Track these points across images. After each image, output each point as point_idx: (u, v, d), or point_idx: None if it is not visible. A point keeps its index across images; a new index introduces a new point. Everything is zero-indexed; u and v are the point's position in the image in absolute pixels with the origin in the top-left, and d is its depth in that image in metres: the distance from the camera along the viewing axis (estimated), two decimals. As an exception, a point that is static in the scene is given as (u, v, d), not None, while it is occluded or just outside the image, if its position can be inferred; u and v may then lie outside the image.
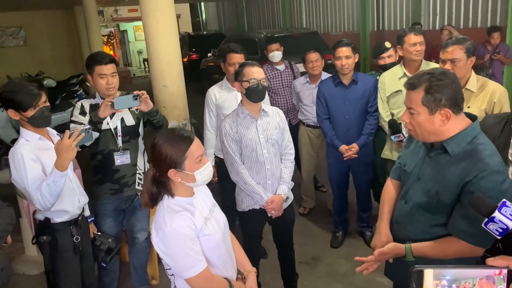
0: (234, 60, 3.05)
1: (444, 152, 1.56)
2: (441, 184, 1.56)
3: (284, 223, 2.69)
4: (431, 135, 1.56)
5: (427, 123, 1.53)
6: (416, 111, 1.54)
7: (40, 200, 1.98)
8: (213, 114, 3.20)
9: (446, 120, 1.51)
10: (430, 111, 1.51)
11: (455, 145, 1.53)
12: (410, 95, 1.55)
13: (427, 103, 1.50)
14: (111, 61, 2.49)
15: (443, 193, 1.55)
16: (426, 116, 1.52)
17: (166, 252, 1.53)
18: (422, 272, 1.12)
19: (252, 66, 2.44)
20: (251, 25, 14.96)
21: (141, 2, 3.90)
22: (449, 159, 1.55)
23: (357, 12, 9.30)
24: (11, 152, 2.05)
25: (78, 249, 2.25)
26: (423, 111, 1.52)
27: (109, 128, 2.54)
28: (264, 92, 2.45)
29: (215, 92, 3.18)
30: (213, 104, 3.17)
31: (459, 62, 2.31)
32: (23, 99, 2.01)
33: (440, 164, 1.58)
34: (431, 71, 1.55)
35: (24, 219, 3.49)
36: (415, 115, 1.54)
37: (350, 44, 3.14)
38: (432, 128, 1.53)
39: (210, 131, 3.24)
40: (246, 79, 2.40)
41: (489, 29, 5.90)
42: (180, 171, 1.54)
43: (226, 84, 3.18)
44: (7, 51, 12.45)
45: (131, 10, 17.57)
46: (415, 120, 1.55)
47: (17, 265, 3.50)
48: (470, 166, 1.48)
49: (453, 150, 1.53)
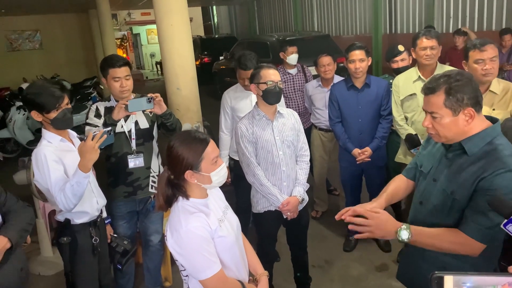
0: (243, 76, 3.04)
1: (462, 152, 1.55)
2: (457, 184, 1.55)
3: (299, 225, 2.68)
4: (456, 136, 1.54)
5: (451, 125, 1.51)
6: (439, 114, 1.52)
7: (63, 201, 2.01)
8: (228, 117, 3.23)
9: (470, 120, 1.50)
10: (453, 112, 1.50)
11: (473, 145, 1.52)
12: (431, 99, 1.53)
13: (449, 105, 1.49)
14: (125, 64, 2.51)
15: (458, 192, 1.54)
16: (450, 118, 1.50)
17: (181, 253, 1.54)
18: (442, 279, 1.11)
19: (268, 68, 2.45)
20: (263, 29, 14.99)
21: (155, 5, 3.94)
22: (467, 159, 1.53)
23: (369, 15, 9.25)
24: (34, 154, 2.09)
25: (96, 250, 2.28)
26: (446, 114, 1.50)
27: (123, 131, 2.56)
28: (280, 94, 2.45)
29: (230, 95, 3.22)
30: (228, 106, 3.20)
31: (497, 60, 2.30)
32: (46, 101, 2.04)
33: (457, 164, 1.57)
34: (447, 73, 1.53)
35: (40, 220, 3.54)
36: (438, 118, 1.52)
37: (363, 47, 3.12)
38: (456, 129, 1.52)
39: (225, 133, 3.27)
40: (263, 81, 2.41)
41: (501, 32, 5.83)
42: (197, 173, 1.56)
43: (241, 89, 3.21)
44: (23, 54, 12.70)
45: (144, 13, 17.75)
46: (439, 124, 1.53)
47: (33, 266, 3.54)
48: (487, 164, 1.47)
49: (471, 150, 1.52)
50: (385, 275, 3.16)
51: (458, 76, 1.50)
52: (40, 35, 12.98)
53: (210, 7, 19.85)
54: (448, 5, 7.40)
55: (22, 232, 1.88)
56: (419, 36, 2.87)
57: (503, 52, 5.77)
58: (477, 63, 2.33)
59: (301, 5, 12.03)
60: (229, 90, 3.28)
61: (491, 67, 2.31)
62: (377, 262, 3.32)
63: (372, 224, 1.55)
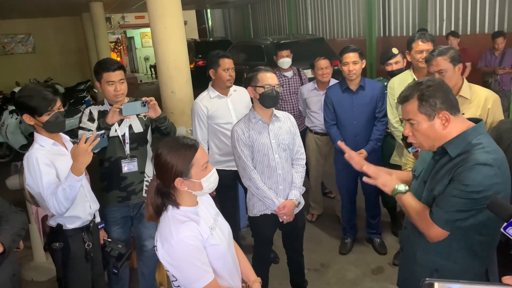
0: (228, 65, 3.01)
1: (445, 154, 1.59)
2: (436, 180, 1.59)
3: (295, 229, 2.68)
4: (435, 141, 1.58)
5: (429, 130, 1.56)
6: (415, 120, 1.57)
7: (55, 205, 1.99)
8: (204, 126, 3.10)
9: (446, 123, 1.54)
10: (428, 117, 1.55)
11: (454, 147, 1.55)
12: (406, 107, 1.60)
13: (424, 111, 1.55)
14: (119, 68, 2.49)
15: (436, 188, 1.58)
16: (427, 123, 1.56)
17: (173, 264, 1.50)
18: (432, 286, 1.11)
19: (266, 71, 2.45)
20: (257, 32, 15.01)
21: (150, 9, 3.93)
22: (449, 159, 1.57)
23: (363, 18, 9.29)
24: (26, 157, 2.06)
25: (89, 255, 2.25)
26: (422, 119, 1.56)
27: (117, 135, 2.54)
28: (277, 98, 2.45)
29: (205, 104, 3.07)
30: (205, 115, 3.06)
31: (446, 72, 2.33)
32: (38, 104, 2.02)
33: (440, 165, 1.61)
34: (418, 81, 1.61)
35: (33, 225, 3.51)
36: (416, 125, 1.58)
37: (357, 49, 3.13)
38: (434, 134, 1.57)
39: (201, 144, 3.21)
40: (261, 84, 2.40)
41: (493, 34, 5.88)
42: (187, 180, 1.52)
43: (214, 92, 3.11)
44: (16, 58, 12.60)
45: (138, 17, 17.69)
46: (417, 130, 1.59)
47: (26, 271, 3.50)
48: (462, 160, 1.51)
49: (453, 152, 1.56)
50: (381, 278, 3.15)
51: (428, 82, 1.57)
52: (33, 38, 12.89)
53: (204, 11, 19.85)
54: (441, 8, 7.46)
55: (14, 236, 1.86)
56: (415, 39, 2.91)
57: (496, 55, 5.83)
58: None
59: (295, 8, 12.06)
60: (202, 98, 3.11)
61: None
62: (373, 265, 3.32)
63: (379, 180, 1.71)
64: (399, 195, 1.64)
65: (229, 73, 3.01)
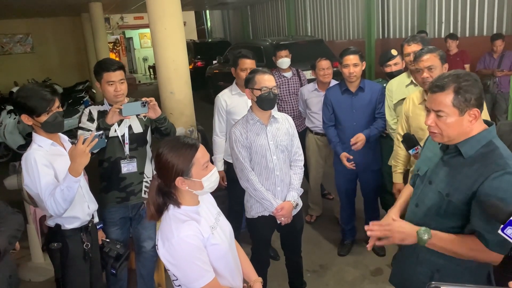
0: (246, 65, 3.09)
1: (457, 154, 1.56)
2: (453, 186, 1.55)
3: (293, 230, 2.67)
4: (458, 136, 1.54)
5: (456, 125, 1.51)
6: (445, 113, 1.51)
7: (53, 206, 1.98)
8: (222, 120, 3.22)
9: (474, 120, 1.51)
10: (460, 112, 1.50)
11: (469, 147, 1.52)
12: (438, 97, 1.51)
13: (457, 104, 1.49)
14: (120, 68, 2.48)
15: (454, 194, 1.54)
16: (456, 118, 1.50)
17: (174, 263, 1.50)
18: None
19: (263, 73, 2.44)
20: (256, 33, 15.02)
21: (149, 9, 3.93)
22: (463, 161, 1.54)
23: (362, 20, 9.31)
24: (24, 158, 2.05)
25: (88, 256, 2.24)
26: (453, 113, 1.50)
27: (117, 136, 2.53)
28: (275, 100, 2.45)
29: (225, 98, 3.20)
30: (224, 110, 3.18)
31: (435, 69, 2.36)
32: (37, 104, 2.01)
33: (452, 167, 1.58)
34: (455, 73, 1.53)
35: (31, 225, 3.49)
36: (444, 117, 1.52)
37: (357, 52, 3.13)
38: (460, 129, 1.52)
39: (219, 136, 3.25)
40: (258, 87, 2.40)
41: (492, 37, 5.89)
42: (188, 179, 1.53)
43: (236, 89, 3.20)
44: (15, 58, 12.57)
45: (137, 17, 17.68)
46: (444, 123, 1.52)
47: (23, 272, 3.49)
48: (483, 167, 1.48)
49: (467, 152, 1.53)
50: (380, 279, 3.15)
51: (466, 76, 1.51)
52: (31, 38, 12.86)
53: (203, 12, 19.86)
54: (440, 10, 7.48)
55: (10, 238, 1.84)
56: (403, 43, 2.96)
57: (495, 57, 5.84)
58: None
59: (294, 10, 12.08)
60: (223, 92, 3.26)
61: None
62: (371, 267, 3.31)
63: (389, 229, 1.59)
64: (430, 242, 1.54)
65: (247, 72, 3.02)
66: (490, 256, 1.50)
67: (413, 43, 2.91)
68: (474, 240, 1.50)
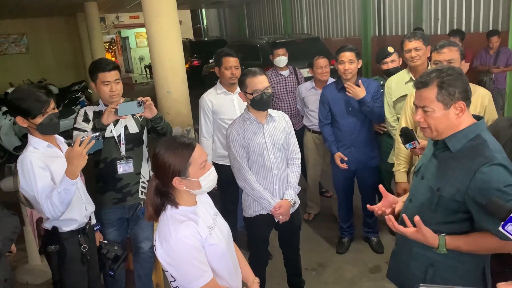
0: (231, 63, 3.06)
1: (446, 149, 1.58)
2: (442, 180, 1.57)
3: (291, 228, 2.67)
4: (446, 129, 1.56)
5: (443, 118, 1.54)
6: (430, 108, 1.54)
7: (50, 209, 1.95)
8: (209, 121, 3.18)
9: (461, 113, 1.53)
10: (445, 106, 1.52)
11: (456, 141, 1.55)
12: (423, 93, 1.55)
13: (441, 98, 1.52)
14: (115, 68, 2.46)
15: (444, 189, 1.56)
16: (442, 112, 1.53)
17: (172, 264, 1.49)
18: None
19: (254, 76, 2.40)
20: (252, 31, 15.00)
21: (145, 9, 3.90)
22: (451, 155, 1.56)
23: (358, 17, 9.31)
24: (19, 160, 2.02)
25: (85, 258, 2.22)
26: (438, 107, 1.53)
27: (112, 136, 2.51)
28: (269, 100, 2.43)
29: (211, 98, 3.15)
30: (210, 110, 3.14)
31: (455, 63, 2.36)
32: (32, 106, 1.99)
33: (442, 161, 1.60)
34: (438, 68, 1.57)
35: (27, 227, 3.47)
36: (430, 112, 1.55)
37: (354, 49, 3.13)
38: (447, 123, 1.54)
39: (206, 138, 3.23)
40: (249, 91, 2.39)
41: (488, 33, 5.90)
42: (185, 179, 1.52)
43: (221, 88, 3.17)
44: (10, 58, 12.51)
45: (132, 17, 17.62)
46: (431, 117, 1.55)
47: (20, 274, 3.47)
48: (470, 161, 1.49)
49: (454, 146, 1.55)
50: (379, 276, 3.15)
51: (449, 70, 1.54)
52: (26, 39, 12.80)
53: (199, 10, 19.82)
54: (436, 7, 7.48)
55: (6, 240, 1.83)
56: (404, 39, 2.95)
57: (491, 53, 5.85)
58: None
59: (290, 8, 12.07)
60: (208, 92, 3.21)
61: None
62: (370, 264, 3.31)
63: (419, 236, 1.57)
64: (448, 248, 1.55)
65: (232, 71, 3.04)
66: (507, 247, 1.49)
67: (414, 39, 2.89)
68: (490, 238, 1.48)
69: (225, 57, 3.08)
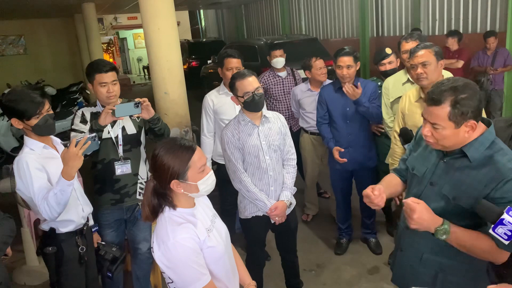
0: (232, 65, 3.08)
1: (461, 156, 1.54)
2: (460, 190, 1.53)
3: (288, 229, 2.66)
4: (454, 145, 1.53)
5: (452, 136, 1.50)
6: (441, 126, 1.49)
7: (46, 210, 1.95)
8: (210, 120, 3.20)
9: (471, 131, 1.49)
10: (456, 125, 1.47)
11: (474, 151, 1.51)
12: (434, 111, 1.49)
13: (453, 118, 1.46)
14: (112, 69, 2.46)
15: (461, 198, 1.53)
16: (452, 130, 1.48)
17: (169, 266, 1.49)
18: None
19: (242, 78, 2.39)
20: (250, 32, 15.00)
21: (142, 9, 3.90)
22: (469, 165, 1.52)
23: (356, 18, 9.32)
24: (15, 162, 2.02)
25: (83, 259, 2.22)
26: (449, 126, 1.48)
27: (110, 137, 2.51)
28: (261, 101, 2.42)
29: (212, 98, 3.19)
30: (211, 109, 3.18)
31: (430, 65, 2.35)
32: (26, 107, 1.98)
33: (458, 170, 1.55)
34: (453, 84, 1.48)
35: (25, 228, 3.46)
36: (440, 129, 1.50)
37: (352, 53, 3.09)
38: (456, 140, 1.51)
39: (207, 136, 3.24)
40: (240, 94, 2.38)
41: (485, 34, 5.91)
42: (183, 182, 1.50)
43: (223, 89, 3.18)
44: (7, 60, 12.48)
45: (130, 17, 17.62)
46: (439, 134, 1.51)
47: (18, 276, 3.47)
48: (493, 172, 1.46)
49: (473, 156, 1.51)
50: (377, 277, 3.15)
51: (464, 88, 1.46)
52: (24, 40, 12.77)
53: (197, 11, 19.80)
54: (434, 8, 7.50)
55: (1, 244, 1.82)
56: (401, 40, 2.95)
57: (488, 54, 5.86)
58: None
59: (288, 8, 12.07)
60: (211, 92, 3.26)
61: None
62: (368, 265, 3.31)
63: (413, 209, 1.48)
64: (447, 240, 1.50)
65: (233, 71, 3.04)
66: (500, 256, 1.48)
67: (411, 40, 2.91)
68: (489, 241, 1.46)
69: (227, 58, 3.11)
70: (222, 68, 3.16)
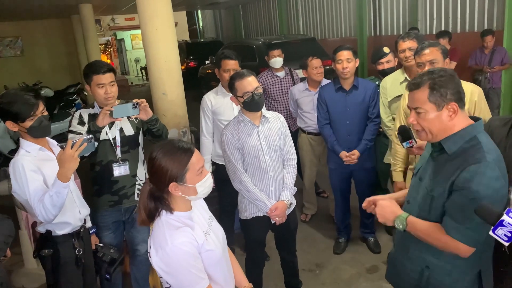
0: (229, 66, 3.06)
1: (443, 151, 1.58)
2: (434, 181, 1.58)
3: (288, 229, 2.66)
4: (440, 132, 1.56)
5: (436, 120, 1.54)
6: (423, 109, 1.55)
7: (42, 212, 1.94)
8: (209, 120, 3.19)
9: (453, 115, 1.53)
10: (437, 107, 1.53)
11: (452, 143, 1.55)
12: (415, 95, 1.57)
13: (433, 100, 1.53)
14: (109, 70, 2.45)
15: (434, 189, 1.57)
16: (434, 113, 1.54)
17: (168, 271, 1.46)
18: None
19: (241, 78, 2.39)
20: (248, 32, 15.00)
21: (140, 10, 3.90)
22: (447, 158, 1.56)
23: (354, 17, 9.32)
24: (11, 164, 2.01)
25: (80, 261, 2.20)
26: (430, 108, 1.54)
27: (108, 138, 2.50)
28: (261, 101, 2.42)
29: (210, 98, 3.18)
30: (209, 110, 3.17)
31: (438, 63, 2.37)
32: (20, 109, 1.97)
33: (438, 163, 1.60)
34: (430, 70, 1.59)
35: (23, 231, 3.45)
36: (423, 114, 1.56)
37: (351, 48, 3.14)
38: (440, 125, 1.55)
39: (206, 137, 3.23)
40: (239, 94, 2.38)
41: (482, 33, 5.92)
42: (182, 184, 1.48)
43: (221, 90, 3.17)
44: (4, 61, 12.46)
45: (128, 18, 17.60)
46: (423, 119, 1.56)
47: (16, 278, 3.45)
48: (461, 161, 1.50)
49: (450, 148, 1.55)
50: (376, 277, 3.15)
51: (441, 72, 1.55)
52: (21, 41, 12.75)
53: (195, 12, 19.79)
54: (431, 7, 7.51)
55: (1, 245, 1.81)
56: (398, 39, 2.96)
57: (486, 53, 5.87)
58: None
59: (286, 8, 12.08)
60: (209, 93, 3.25)
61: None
62: (367, 264, 3.31)
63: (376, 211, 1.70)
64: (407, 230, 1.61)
65: (230, 73, 3.02)
66: (456, 248, 1.52)
67: (408, 39, 2.91)
68: (441, 231, 1.54)
69: (224, 60, 3.08)
70: (219, 69, 3.15)
